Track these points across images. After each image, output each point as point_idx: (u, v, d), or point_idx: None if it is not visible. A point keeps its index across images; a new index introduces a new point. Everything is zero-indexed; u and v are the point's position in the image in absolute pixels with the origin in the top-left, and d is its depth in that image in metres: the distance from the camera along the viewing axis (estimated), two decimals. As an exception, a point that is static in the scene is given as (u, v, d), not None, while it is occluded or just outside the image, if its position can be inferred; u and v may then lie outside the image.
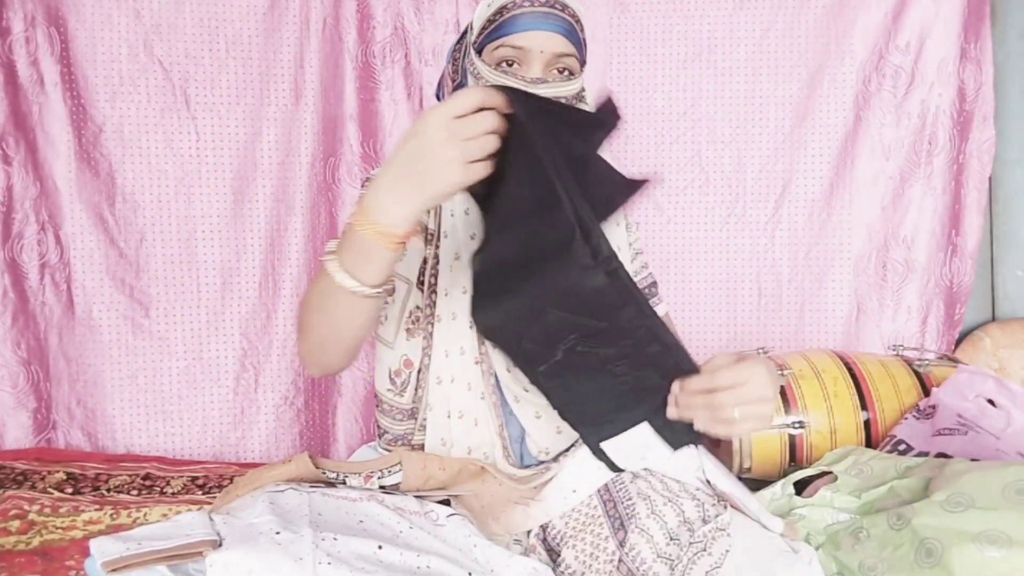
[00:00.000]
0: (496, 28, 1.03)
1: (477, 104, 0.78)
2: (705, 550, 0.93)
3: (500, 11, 1.04)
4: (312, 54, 1.99)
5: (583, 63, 1.07)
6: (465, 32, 1.11)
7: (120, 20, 1.92)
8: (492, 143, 0.78)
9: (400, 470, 1.02)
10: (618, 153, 2.03)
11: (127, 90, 1.93)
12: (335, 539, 0.83)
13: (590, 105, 1.13)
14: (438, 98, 1.16)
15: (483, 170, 0.79)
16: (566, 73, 1.04)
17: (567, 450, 1.12)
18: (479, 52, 1.06)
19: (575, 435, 1.11)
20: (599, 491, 1.04)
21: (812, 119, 2.04)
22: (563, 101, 1.03)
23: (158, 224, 1.96)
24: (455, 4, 2.01)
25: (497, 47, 1.03)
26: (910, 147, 2.02)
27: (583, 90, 1.11)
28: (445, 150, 0.76)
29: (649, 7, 2.02)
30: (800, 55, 2.03)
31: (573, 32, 1.04)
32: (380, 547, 0.84)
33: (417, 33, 2.01)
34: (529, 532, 1.02)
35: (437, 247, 1.11)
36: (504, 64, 1.03)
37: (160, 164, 1.95)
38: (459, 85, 1.11)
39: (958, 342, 2.07)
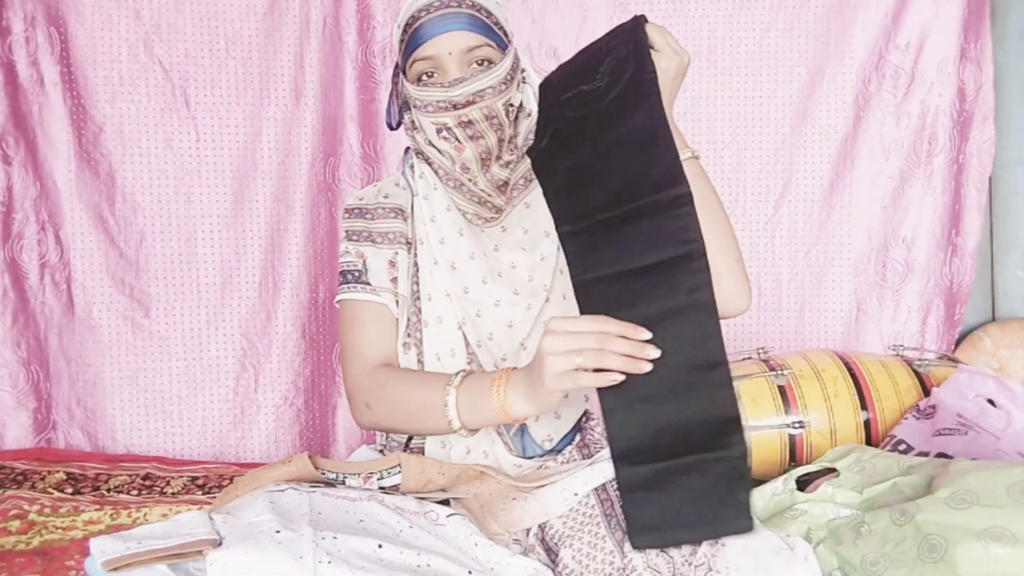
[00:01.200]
0: (407, 47, 1.06)
1: (592, 329, 0.86)
2: (693, 553, 0.92)
3: (406, 29, 1.06)
4: (312, 54, 1.99)
5: (504, 46, 1.07)
6: None
7: (120, 20, 1.92)
8: (607, 360, 0.85)
9: (399, 471, 1.02)
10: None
11: (127, 90, 1.93)
12: (335, 538, 0.83)
13: (532, 83, 1.13)
14: (389, 126, 1.17)
15: (594, 380, 0.86)
16: (485, 64, 1.04)
17: (572, 440, 1.12)
18: (405, 73, 1.08)
19: (575, 417, 1.12)
20: (596, 491, 1.04)
21: (812, 119, 2.04)
22: (489, 91, 1.03)
23: (158, 224, 1.96)
24: (455, 4, 2.01)
25: (412, 63, 1.05)
26: (910, 147, 2.02)
27: (520, 69, 1.11)
28: (556, 362, 0.86)
29: (649, 7, 2.02)
30: (800, 55, 2.03)
31: (477, 22, 1.04)
32: (380, 546, 0.84)
33: (417, 33, 2.01)
34: (528, 532, 1.02)
35: (416, 255, 1.12)
36: (424, 76, 1.05)
37: (160, 164, 1.95)
38: (403, 107, 1.13)
39: (958, 342, 2.07)
